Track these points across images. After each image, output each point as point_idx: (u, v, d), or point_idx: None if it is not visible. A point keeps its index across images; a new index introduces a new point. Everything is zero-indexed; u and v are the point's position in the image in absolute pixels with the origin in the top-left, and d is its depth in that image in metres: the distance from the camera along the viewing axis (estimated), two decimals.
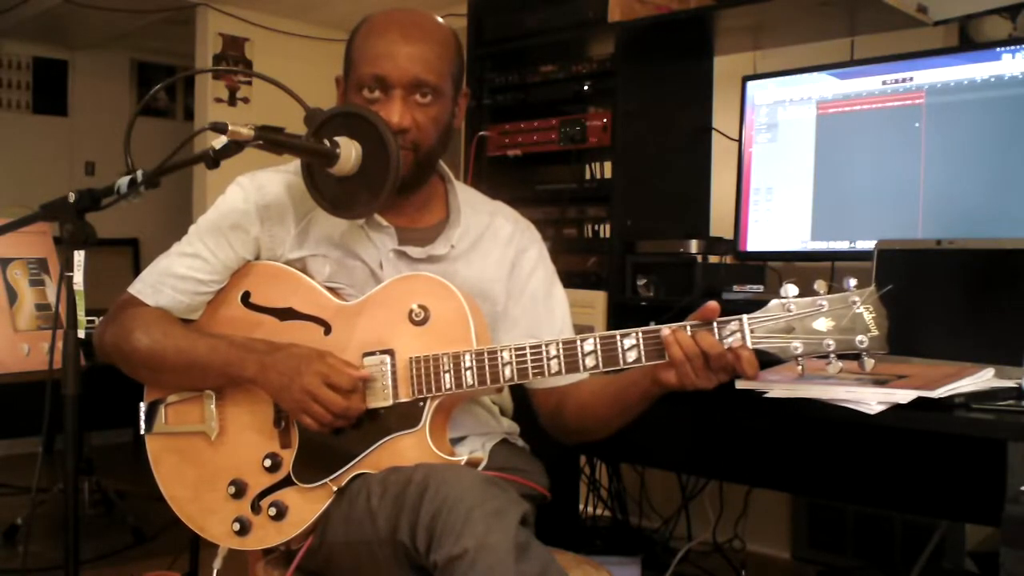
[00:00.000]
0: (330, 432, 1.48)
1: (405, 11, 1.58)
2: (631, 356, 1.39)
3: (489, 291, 1.63)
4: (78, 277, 1.43)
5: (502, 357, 1.44)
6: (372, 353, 1.50)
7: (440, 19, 1.60)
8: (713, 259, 2.31)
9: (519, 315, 1.66)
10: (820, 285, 1.33)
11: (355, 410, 1.47)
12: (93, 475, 3.68)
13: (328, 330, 1.54)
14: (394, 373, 1.49)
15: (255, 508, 1.54)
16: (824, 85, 2.17)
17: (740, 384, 1.49)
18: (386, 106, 1.52)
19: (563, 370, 1.43)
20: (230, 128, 1.35)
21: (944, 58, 2.01)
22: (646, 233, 2.32)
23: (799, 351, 1.33)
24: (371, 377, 1.49)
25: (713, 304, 1.37)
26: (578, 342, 1.42)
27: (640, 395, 1.48)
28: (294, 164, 1.61)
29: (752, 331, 1.34)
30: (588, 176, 2.61)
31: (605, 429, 1.58)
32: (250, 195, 1.59)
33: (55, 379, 1.45)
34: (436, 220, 1.66)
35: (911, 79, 2.03)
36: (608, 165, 2.49)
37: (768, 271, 2.35)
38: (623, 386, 1.51)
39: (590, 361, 1.41)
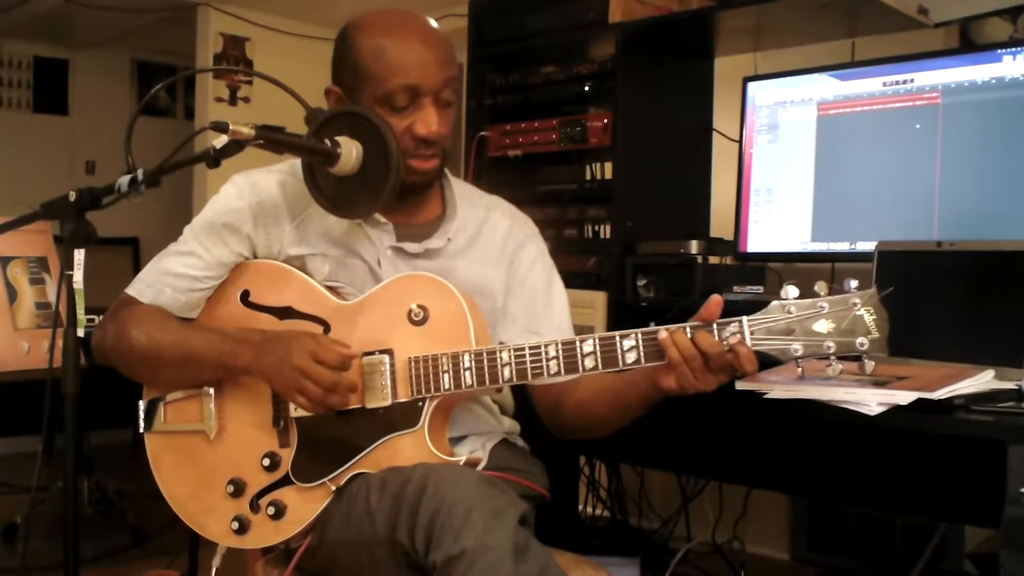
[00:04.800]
0: (328, 424, 1.48)
1: (403, 14, 1.56)
2: (630, 357, 1.39)
3: (488, 287, 1.63)
4: (78, 276, 1.43)
5: (501, 358, 1.44)
6: (371, 353, 1.50)
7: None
8: (713, 260, 2.31)
9: (518, 310, 1.66)
10: (821, 287, 1.32)
11: (345, 384, 1.46)
12: (93, 475, 3.67)
13: (327, 329, 1.54)
14: (393, 373, 1.48)
15: (254, 507, 1.54)
16: (825, 86, 2.17)
17: (740, 385, 1.49)
18: (419, 116, 1.51)
19: (562, 371, 1.42)
20: (231, 127, 1.35)
21: (945, 60, 2.01)
22: (646, 234, 2.32)
23: (799, 353, 1.32)
24: (357, 355, 1.48)
25: (717, 298, 1.36)
26: (577, 343, 1.41)
27: (639, 398, 1.48)
28: (288, 164, 1.61)
29: (752, 332, 1.34)
30: (588, 176, 2.62)
31: (604, 428, 1.58)
32: (244, 193, 1.60)
33: (55, 378, 1.45)
34: (433, 215, 1.66)
35: (912, 80, 2.03)
36: (608, 165, 2.49)
37: (768, 272, 2.35)
38: (622, 387, 1.51)
39: (589, 362, 1.41)
